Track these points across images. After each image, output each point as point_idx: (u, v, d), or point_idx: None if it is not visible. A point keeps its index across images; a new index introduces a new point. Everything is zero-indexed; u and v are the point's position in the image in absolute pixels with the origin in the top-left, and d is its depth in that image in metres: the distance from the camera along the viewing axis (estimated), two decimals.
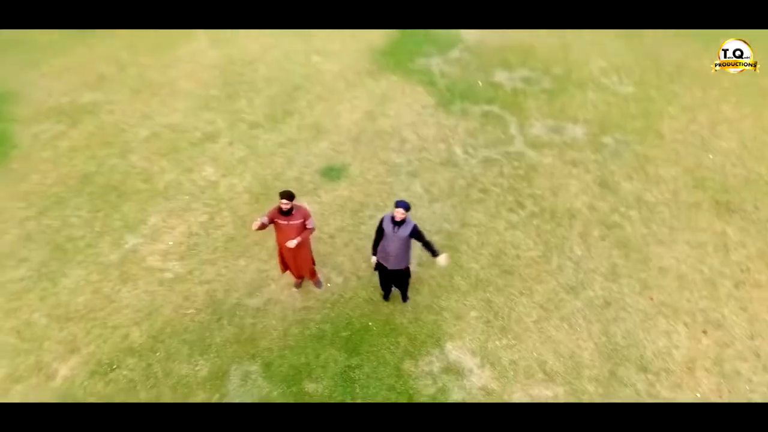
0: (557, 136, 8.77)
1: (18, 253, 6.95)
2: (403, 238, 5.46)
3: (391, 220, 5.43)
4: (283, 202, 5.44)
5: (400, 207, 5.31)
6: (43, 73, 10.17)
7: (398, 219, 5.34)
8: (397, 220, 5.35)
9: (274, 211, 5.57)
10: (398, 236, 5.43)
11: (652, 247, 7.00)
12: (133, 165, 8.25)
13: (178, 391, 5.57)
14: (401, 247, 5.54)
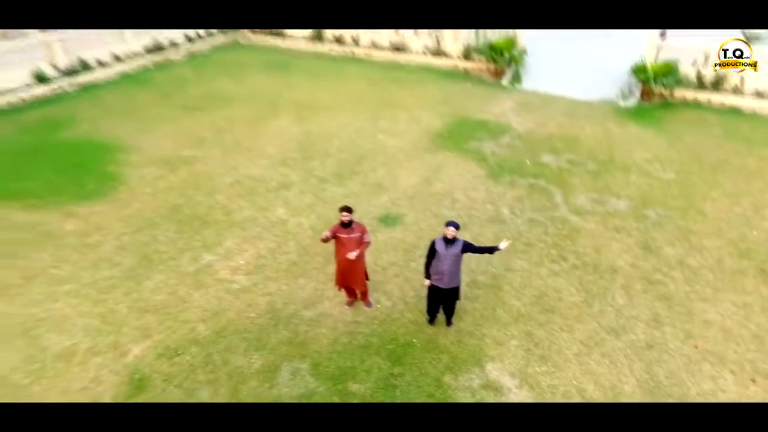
0: (600, 207, 9.35)
1: (112, 258, 8.03)
2: (456, 254, 6.06)
3: (443, 239, 6.08)
4: (344, 214, 6.28)
5: (450, 226, 6.00)
6: (155, 135, 12.20)
7: (450, 237, 5.99)
8: (449, 237, 6.00)
9: (337, 226, 6.40)
10: (451, 253, 6.03)
11: (696, 303, 7.10)
12: (216, 202, 9.52)
13: (233, 378, 6.01)
14: (454, 264, 6.11)
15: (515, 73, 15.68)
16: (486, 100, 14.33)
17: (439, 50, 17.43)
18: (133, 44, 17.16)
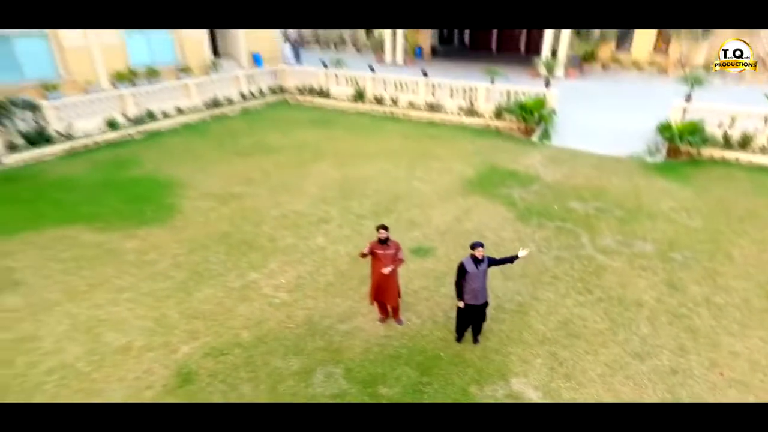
0: (626, 248, 9.64)
1: (167, 273, 8.82)
2: (485, 271, 6.56)
3: (472, 260, 6.59)
4: (381, 232, 6.92)
5: (479, 246, 6.53)
6: (209, 175, 13.42)
7: (480, 256, 6.51)
8: (479, 257, 6.51)
9: (374, 243, 7.02)
10: (482, 271, 6.53)
11: (723, 336, 7.19)
12: (262, 231, 10.35)
13: (272, 377, 6.47)
14: (484, 280, 6.59)
15: (544, 131, 16.54)
16: (516, 153, 15.12)
17: (472, 110, 18.62)
18: (195, 100, 19.13)
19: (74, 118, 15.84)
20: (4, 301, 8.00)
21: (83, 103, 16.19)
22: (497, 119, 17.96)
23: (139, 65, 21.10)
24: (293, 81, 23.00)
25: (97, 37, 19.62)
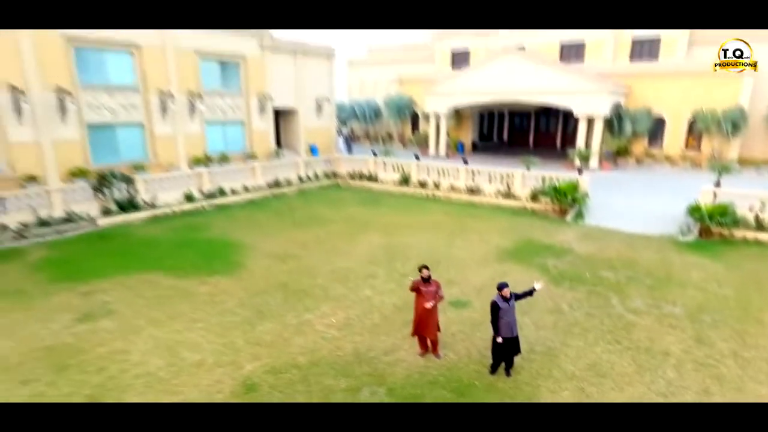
0: (656, 310, 10.17)
1: (233, 310, 10.09)
2: (514, 305, 7.51)
3: (502, 299, 7.58)
4: (423, 271, 8.06)
5: (504, 287, 7.56)
6: (269, 240, 15.11)
7: (507, 295, 7.50)
8: (507, 296, 7.51)
9: (418, 281, 8.14)
10: (512, 306, 7.51)
11: (749, 383, 7.53)
12: (316, 283, 11.61)
13: (323, 392, 7.34)
14: (514, 314, 7.53)
15: (578, 212, 17.58)
16: (550, 231, 16.12)
17: (509, 193, 20.04)
18: (260, 180, 21.66)
19: (158, 191, 18.39)
20: (101, 324, 9.43)
21: (167, 179, 18.86)
22: (533, 202, 19.22)
23: (214, 152, 24.33)
24: (345, 167, 25.51)
25: (183, 127, 23.08)
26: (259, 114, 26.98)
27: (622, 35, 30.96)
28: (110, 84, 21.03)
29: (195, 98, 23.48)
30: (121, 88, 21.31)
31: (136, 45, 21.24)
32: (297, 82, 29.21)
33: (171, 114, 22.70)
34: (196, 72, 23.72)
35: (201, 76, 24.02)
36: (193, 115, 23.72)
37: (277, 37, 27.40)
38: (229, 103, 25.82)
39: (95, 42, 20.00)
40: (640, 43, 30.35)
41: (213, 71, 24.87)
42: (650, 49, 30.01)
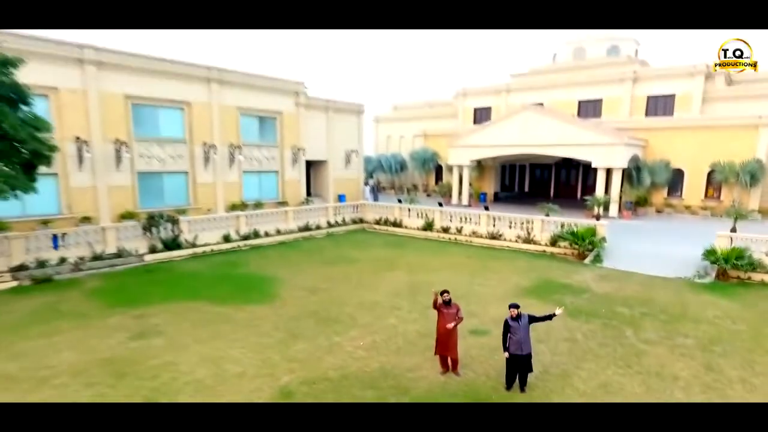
0: (668, 341, 10.63)
1: (269, 333, 11.02)
2: (525, 324, 8.26)
3: (511, 318, 8.38)
4: (445, 295, 8.94)
5: (513, 307, 8.38)
6: (301, 275, 16.15)
7: (515, 315, 8.30)
8: (513, 316, 8.31)
9: (440, 304, 9.00)
10: (522, 325, 8.27)
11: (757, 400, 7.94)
12: (344, 312, 12.49)
13: (352, 400, 8.09)
14: (526, 333, 8.26)
15: (596, 255, 18.17)
16: (569, 272, 16.73)
17: (528, 238, 20.79)
18: (291, 224, 23.07)
19: (200, 232, 19.91)
20: (152, 342, 10.47)
21: (208, 221, 20.43)
22: (552, 246, 19.91)
23: (249, 199, 26.08)
24: (371, 214, 26.82)
25: (222, 176, 25.00)
26: (292, 165, 28.91)
27: (638, 92, 32.35)
28: (161, 136, 23.24)
29: (235, 150, 25.54)
30: (170, 140, 23.49)
31: (187, 102, 23.62)
32: (328, 135, 31.29)
33: (212, 164, 24.71)
34: (236, 126, 25.93)
35: (241, 130, 26.21)
36: (232, 165, 25.70)
37: (312, 95, 29.77)
38: (265, 155, 27.84)
39: (151, 99, 22.39)
40: (654, 99, 31.65)
41: (252, 125, 27.08)
42: (665, 105, 31.21)
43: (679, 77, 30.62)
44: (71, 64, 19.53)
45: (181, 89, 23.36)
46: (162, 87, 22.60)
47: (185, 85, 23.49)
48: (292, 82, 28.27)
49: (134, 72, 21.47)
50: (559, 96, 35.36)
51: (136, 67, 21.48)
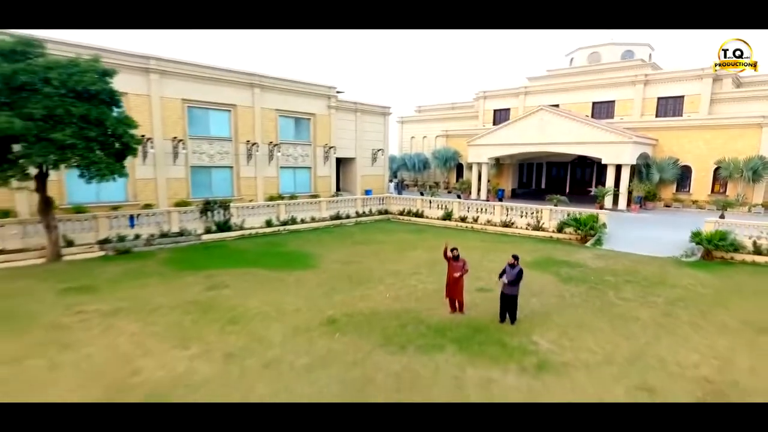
0: (642, 299, 12.84)
1: (313, 288, 13.69)
2: (515, 273, 10.70)
3: (509, 266, 10.84)
4: (454, 251, 11.45)
5: (514, 257, 10.82)
6: (334, 253, 18.84)
7: (512, 263, 10.75)
8: (511, 263, 10.76)
9: (450, 257, 11.52)
10: (512, 273, 10.72)
11: (695, 337, 10.17)
12: (373, 276, 15.09)
13: (381, 325, 10.64)
14: (516, 279, 10.69)
15: (597, 239, 20.32)
16: (570, 252, 18.96)
17: (538, 226, 23.03)
18: (324, 213, 25.88)
19: (246, 217, 22.87)
20: (222, 292, 13.28)
21: (254, 208, 23.40)
22: (559, 233, 22.11)
23: (285, 192, 29.06)
24: (395, 205, 29.43)
25: (262, 171, 28.01)
26: (323, 162, 31.80)
27: (649, 94, 34.10)
28: (210, 135, 26.40)
29: (273, 148, 28.54)
30: (218, 138, 26.65)
31: (233, 105, 26.74)
32: (356, 135, 34.09)
33: (254, 160, 27.76)
34: (275, 126, 28.95)
35: (279, 130, 29.23)
36: (270, 161, 28.72)
37: (342, 98, 32.62)
38: (300, 152, 30.81)
39: (203, 103, 25.58)
40: (665, 100, 33.36)
41: (288, 126, 30.08)
42: (675, 106, 32.90)
43: (688, 80, 32.32)
44: (139, 72, 22.80)
45: (229, 93, 26.50)
46: (212, 92, 25.78)
47: (232, 90, 26.62)
48: (324, 87, 31.17)
49: (190, 79, 24.69)
50: (574, 98, 37.34)
51: (191, 75, 24.69)
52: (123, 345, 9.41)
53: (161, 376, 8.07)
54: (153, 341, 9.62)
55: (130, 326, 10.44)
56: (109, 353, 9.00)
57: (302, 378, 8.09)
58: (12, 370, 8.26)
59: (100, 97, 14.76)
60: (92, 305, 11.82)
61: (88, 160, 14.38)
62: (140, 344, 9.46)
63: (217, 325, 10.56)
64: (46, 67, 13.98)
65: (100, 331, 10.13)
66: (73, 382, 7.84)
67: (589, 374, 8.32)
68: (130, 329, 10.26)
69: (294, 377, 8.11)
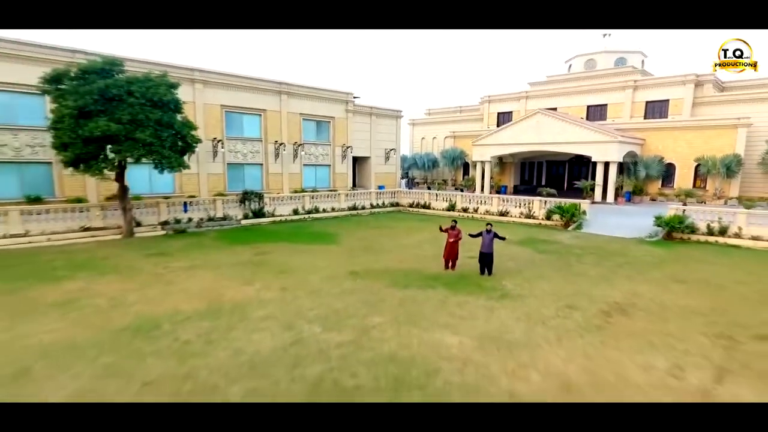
0: (597, 264, 16.26)
1: (338, 256, 17.40)
2: (491, 237, 14.27)
3: (486, 231, 14.41)
4: (453, 223, 15.07)
5: (488, 225, 14.41)
6: (351, 234, 22.52)
7: (488, 229, 14.34)
8: (487, 230, 14.34)
9: (448, 227, 15.12)
10: (489, 237, 14.29)
11: (626, 284, 13.62)
12: (385, 248, 18.73)
13: (392, 277, 14.27)
14: (490, 240, 14.27)
15: (578, 224, 23.68)
16: (552, 234, 22.40)
17: (529, 215, 26.46)
18: (343, 204, 29.65)
19: (276, 206, 26.72)
20: (268, 257, 17.03)
21: (283, 198, 27.26)
22: (547, 220, 25.52)
23: (307, 186, 32.89)
24: (405, 199, 33.07)
25: (288, 168, 31.88)
26: (341, 160, 35.56)
27: (638, 98, 37.26)
28: (244, 136, 30.34)
29: (297, 147, 32.39)
30: (251, 139, 30.58)
31: (263, 109, 30.67)
32: (371, 136, 37.81)
33: (281, 158, 31.63)
34: (299, 128, 32.81)
35: (303, 131, 33.07)
36: (295, 159, 32.56)
37: (358, 103, 36.40)
38: (320, 151, 34.61)
39: (238, 108, 29.55)
40: (652, 103, 36.48)
41: (311, 128, 33.91)
42: (661, 108, 36.01)
43: (672, 85, 35.42)
44: (186, 82, 26.78)
45: (260, 100, 30.45)
46: (246, 98, 29.74)
47: (263, 97, 30.56)
48: (343, 93, 34.97)
49: (228, 87, 28.67)
50: (571, 102, 40.59)
51: (229, 84, 28.67)
52: (207, 283, 13.20)
53: (240, 297, 11.80)
54: (227, 282, 13.38)
55: (206, 274, 14.24)
56: (199, 287, 12.79)
57: (335, 299, 11.75)
58: (138, 295, 12.06)
59: (169, 105, 18.68)
60: (174, 263, 15.69)
61: (161, 155, 18.29)
62: (218, 283, 13.23)
63: (270, 274, 14.29)
64: (128, 81, 17.94)
65: (186, 277, 13.94)
66: (183, 299, 11.61)
67: (535, 300, 11.83)
68: (208, 276, 14.06)
69: (329, 298, 11.79)
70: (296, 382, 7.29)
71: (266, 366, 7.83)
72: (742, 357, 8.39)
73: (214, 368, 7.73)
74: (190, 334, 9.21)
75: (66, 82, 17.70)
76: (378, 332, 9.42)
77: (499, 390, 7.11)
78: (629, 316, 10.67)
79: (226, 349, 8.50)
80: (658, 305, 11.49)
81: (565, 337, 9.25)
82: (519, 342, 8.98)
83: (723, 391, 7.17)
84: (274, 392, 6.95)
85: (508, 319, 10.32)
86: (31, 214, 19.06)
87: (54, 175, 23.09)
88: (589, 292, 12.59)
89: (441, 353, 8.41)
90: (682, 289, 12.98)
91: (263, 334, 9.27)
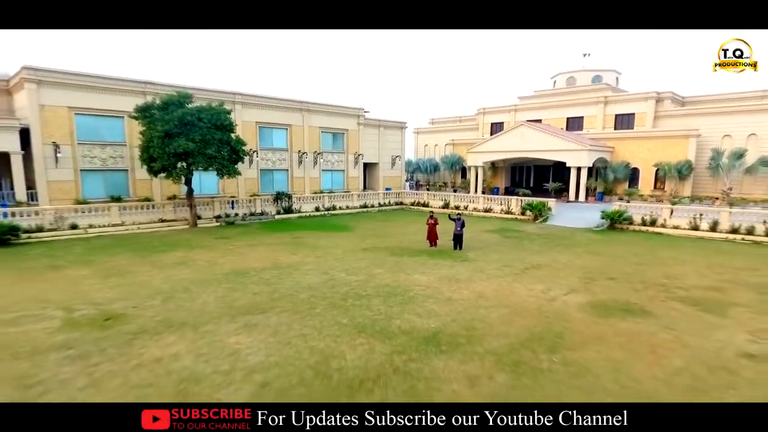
0: (541, 244, 22.18)
1: (352, 239, 23.51)
2: (460, 224, 20.35)
3: (456, 218, 20.48)
4: (432, 214, 21.16)
5: (458, 214, 20.47)
6: (363, 225, 28.63)
7: (458, 216, 20.41)
8: (454, 217, 20.42)
9: (429, 218, 21.21)
10: (459, 223, 20.37)
11: (561, 257, 19.58)
12: (390, 234, 24.80)
13: (390, 252, 20.36)
14: (460, 226, 20.35)
15: (545, 218, 29.58)
16: (521, 225, 28.34)
17: (508, 210, 32.41)
18: (355, 202, 35.91)
19: (302, 204, 33.00)
20: (302, 239, 23.22)
21: (307, 198, 33.58)
22: (522, 215, 31.45)
23: (325, 189, 39.16)
24: (408, 199, 39.19)
25: (309, 173, 38.18)
26: (353, 166, 41.74)
27: (608, 111, 42.99)
28: (274, 147, 36.68)
29: (317, 156, 38.64)
30: (279, 149, 36.91)
31: (289, 124, 37.00)
32: (379, 144, 43.97)
33: (303, 165, 37.91)
34: (318, 139, 39.08)
35: (321, 142, 39.35)
36: (315, 166, 38.82)
37: (368, 117, 42.62)
38: (336, 159, 40.84)
39: (270, 123, 35.91)
40: (621, 116, 42.19)
41: (328, 139, 40.15)
42: (628, 120, 41.70)
43: (637, 101, 41.10)
44: (229, 104, 33.17)
45: (286, 116, 36.76)
46: (275, 115, 36.08)
47: (288, 114, 36.88)
48: (355, 108, 41.19)
49: (261, 107, 35.05)
50: (554, 114, 46.40)
51: (262, 105, 35.04)
52: (266, 254, 19.37)
53: (291, 261, 17.93)
54: (278, 253, 19.54)
55: (263, 249, 20.45)
56: (261, 255, 18.95)
57: (353, 261, 17.80)
58: (225, 259, 18.22)
59: (227, 127, 25.02)
60: (237, 242, 21.96)
61: (222, 165, 24.62)
62: (273, 254, 19.39)
63: (307, 249, 20.42)
64: (198, 110, 24.29)
65: (250, 250, 20.14)
66: (254, 261, 17.77)
67: (485, 263, 17.75)
68: (264, 250, 20.25)
69: (349, 262, 17.85)
70: (334, 293, 13.38)
71: (316, 287, 13.94)
72: (590, 286, 14.33)
73: (288, 288, 13.86)
74: (268, 275, 15.38)
75: (153, 111, 24.11)
76: (379, 276, 15.49)
77: (442, 296, 13.13)
78: (540, 269, 16.63)
79: (292, 281, 14.64)
80: (563, 265, 17.42)
81: (492, 277, 15.26)
82: (462, 279, 15.01)
83: (565, 299, 13.11)
84: (324, 295, 13.06)
85: (462, 271, 16.34)
86: (124, 209, 25.51)
87: (129, 180, 29.59)
88: (524, 259, 18.53)
89: (415, 283, 14.46)
90: (590, 258, 18.89)
91: (310, 275, 15.41)
